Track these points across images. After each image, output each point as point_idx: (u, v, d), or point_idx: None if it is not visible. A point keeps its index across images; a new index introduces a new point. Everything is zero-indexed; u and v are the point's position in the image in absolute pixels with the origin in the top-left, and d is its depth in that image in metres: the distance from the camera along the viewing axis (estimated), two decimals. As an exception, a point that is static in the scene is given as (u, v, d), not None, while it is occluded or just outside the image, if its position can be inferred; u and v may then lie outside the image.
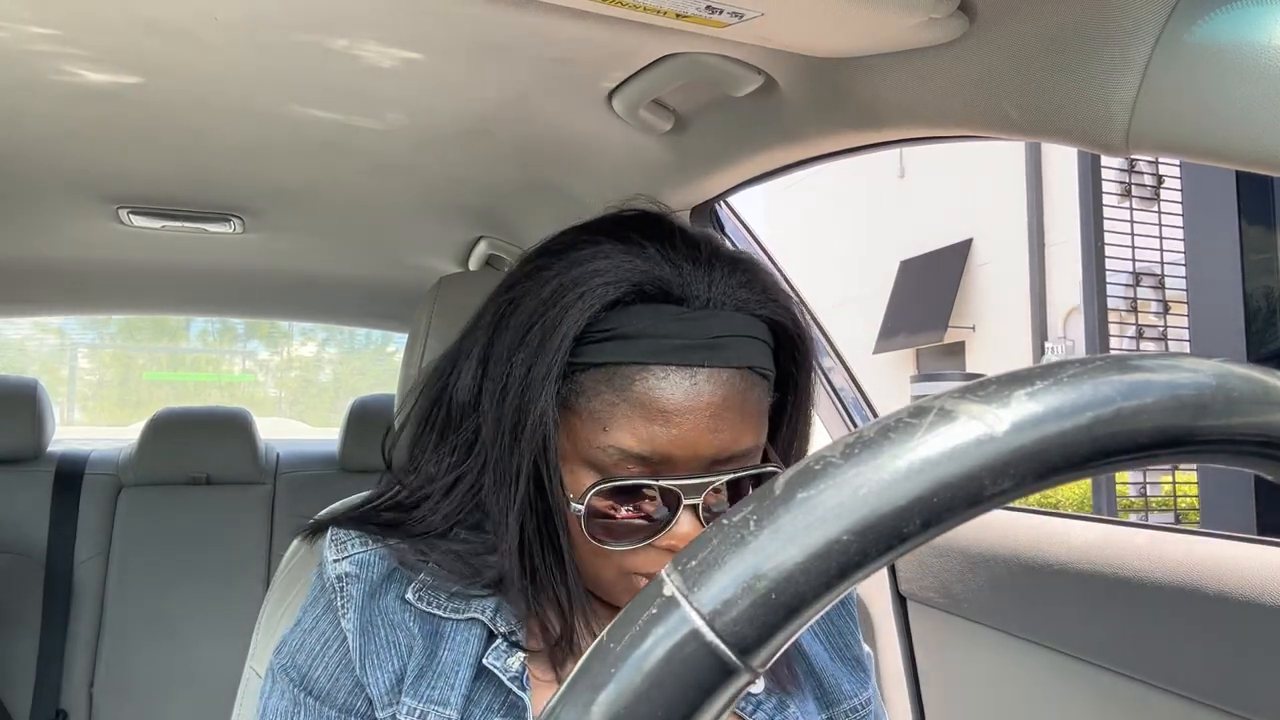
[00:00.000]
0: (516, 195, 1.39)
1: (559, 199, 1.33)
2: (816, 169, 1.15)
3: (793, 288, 1.45)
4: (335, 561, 0.72)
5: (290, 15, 0.82)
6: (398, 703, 0.68)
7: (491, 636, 0.70)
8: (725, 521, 0.27)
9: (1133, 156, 0.66)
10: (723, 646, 0.25)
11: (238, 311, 2.74)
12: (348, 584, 0.71)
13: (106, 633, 2.14)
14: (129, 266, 2.00)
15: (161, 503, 2.25)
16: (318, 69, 0.94)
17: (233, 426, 2.35)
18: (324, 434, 3.30)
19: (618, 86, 0.98)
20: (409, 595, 0.71)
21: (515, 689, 0.68)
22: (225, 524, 2.26)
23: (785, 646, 0.27)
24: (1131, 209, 5.61)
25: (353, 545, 0.73)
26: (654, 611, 0.26)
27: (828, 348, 1.45)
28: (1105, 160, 5.41)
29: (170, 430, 2.30)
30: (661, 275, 0.68)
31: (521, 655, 0.70)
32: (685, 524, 0.66)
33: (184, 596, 2.18)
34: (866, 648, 0.85)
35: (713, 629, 0.25)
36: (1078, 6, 0.64)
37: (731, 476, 0.67)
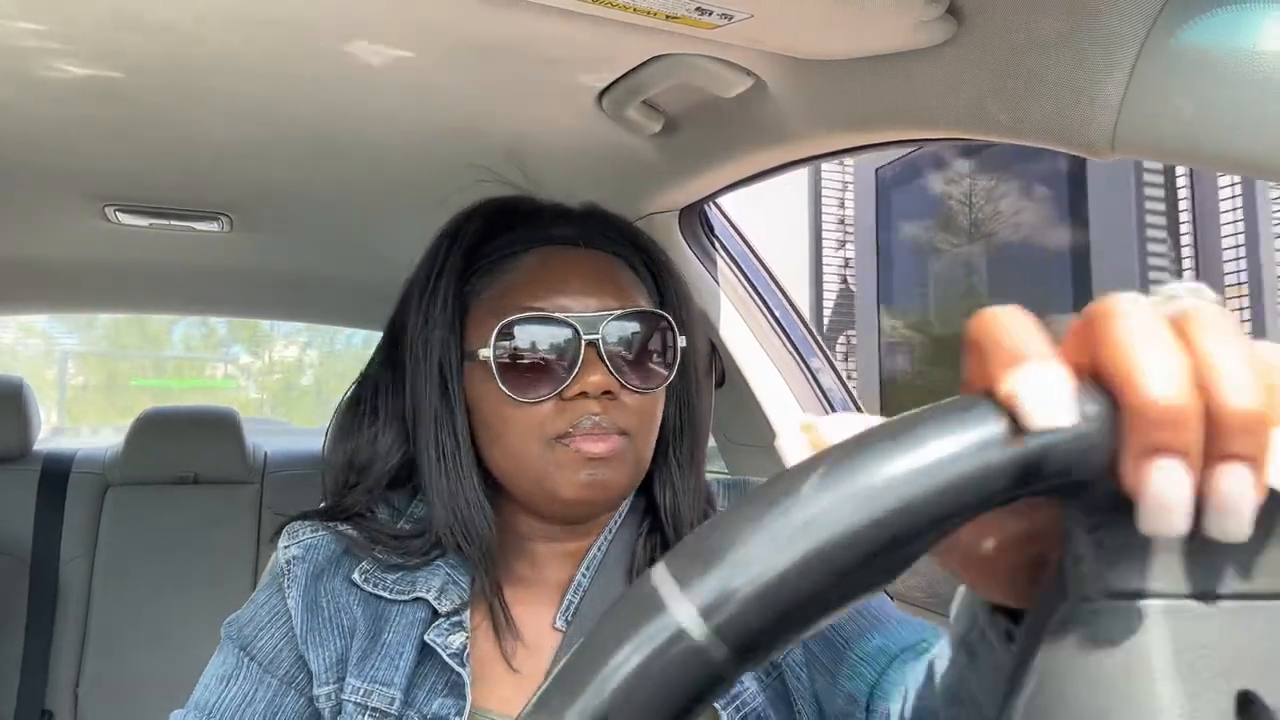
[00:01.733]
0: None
1: (548, 199, 1.33)
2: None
3: (781, 288, 1.45)
4: (285, 548, 0.76)
5: (278, 14, 0.82)
6: (339, 681, 0.70)
7: (434, 616, 0.73)
8: (719, 521, 0.27)
9: (1117, 159, 0.66)
10: (710, 646, 0.25)
11: (227, 311, 2.73)
12: (293, 566, 0.75)
13: (92, 632, 2.12)
14: (117, 265, 1.99)
15: (148, 502, 2.24)
16: (306, 67, 0.94)
17: (220, 426, 2.34)
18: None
19: (607, 87, 0.99)
20: (355, 577, 0.74)
21: (455, 665, 0.70)
22: (213, 523, 2.25)
23: (774, 654, 0.26)
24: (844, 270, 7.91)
25: (302, 532, 0.77)
26: (641, 607, 0.26)
27: (814, 349, 1.46)
28: (826, 235, 7.75)
29: (157, 429, 2.29)
30: (510, 197, 0.83)
31: (464, 635, 0.71)
32: (589, 367, 0.70)
33: (171, 596, 2.16)
34: None
35: (702, 627, 0.25)
36: (1065, 10, 0.64)
37: (621, 311, 0.73)
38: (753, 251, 1.44)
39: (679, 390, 0.80)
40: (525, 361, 0.71)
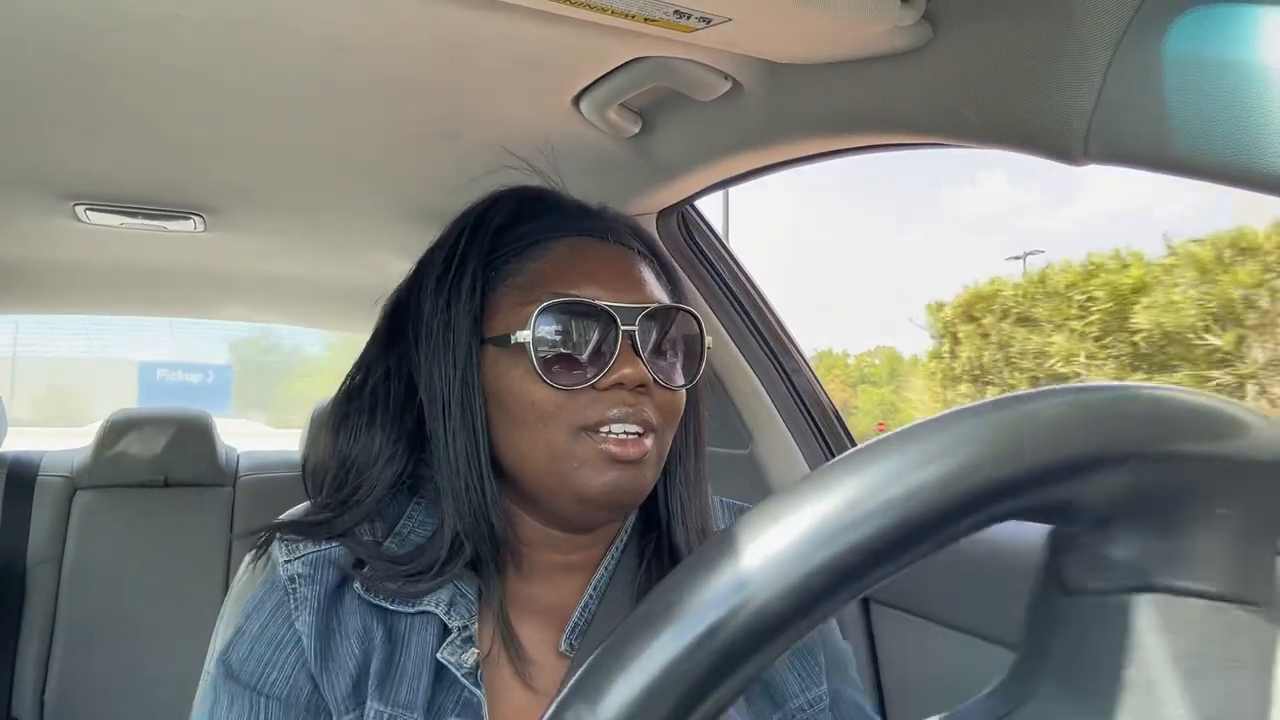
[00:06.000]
0: (483, 196, 1.38)
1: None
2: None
3: (758, 291, 1.45)
4: (286, 562, 0.70)
5: (255, 12, 0.81)
6: (359, 707, 0.66)
7: (445, 631, 0.69)
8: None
9: (1091, 165, 0.67)
10: None
11: (200, 312, 2.70)
12: (300, 585, 0.69)
13: (59, 638, 2.09)
14: (87, 265, 1.96)
15: (118, 505, 2.21)
16: (281, 66, 0.93)
17: (191, 428, 2.31)
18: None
19: (585, 89, 0.99)
20: (358, 587, 0.69)
21: (469, 685, 0.67)
22: (183, 527, 2.22)
23: None
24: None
25: (304, 545, 0.71)
26: None
27: (790, 350, 1.46)
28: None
29: (127, 431, 2.26)
30: (537, 187, 0.81)
31: (476, 652, 0.68)
32: (625, 359, 0.69)
33: (140, 600, 2.14)
34: (845, 644, 0.83)
35: None
36: (1039, 16, 0.65)
37: (658, 305, 0.72)
38: (729, 254, 1.45)
39: (691, 395, 0.77)
40: (563, 347, 0.69)
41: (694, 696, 0.25)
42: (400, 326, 0.77)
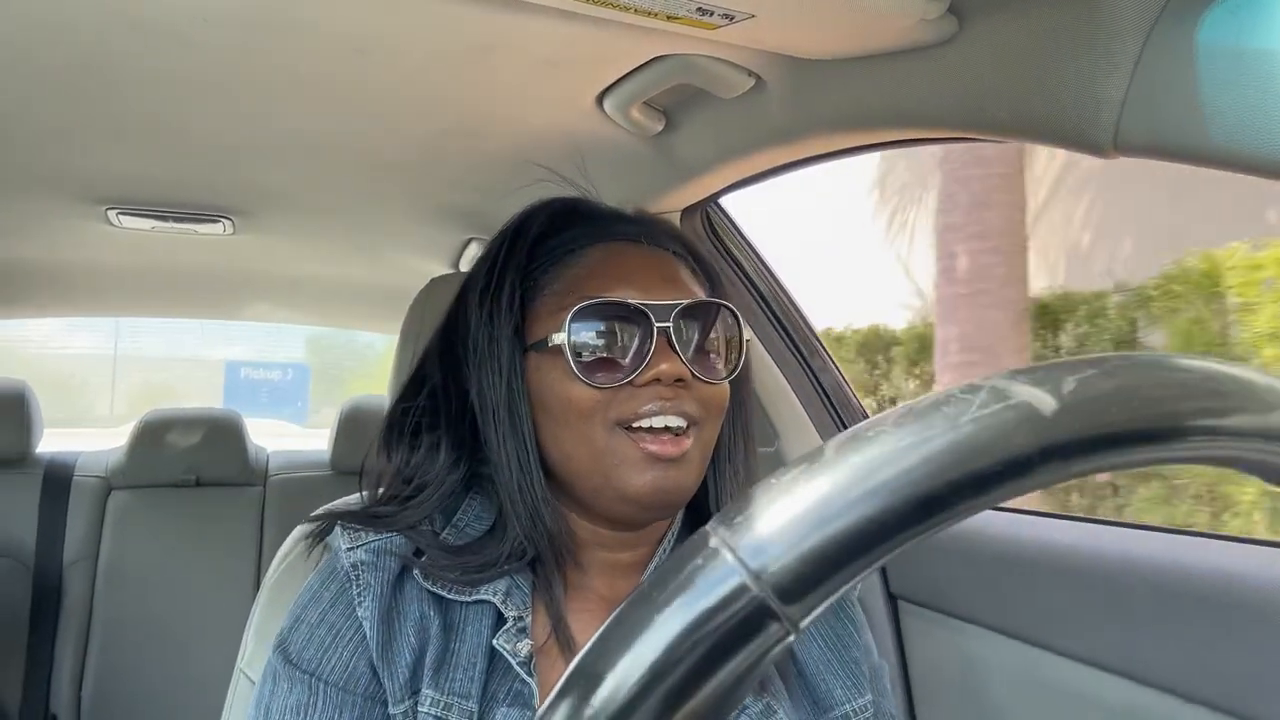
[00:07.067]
0: (507, 197, 1.38)
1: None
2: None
3: (784, 288, 1.45)
4: (350, 550, 0.71)
5: (279, 15, 0.82)
6: (415, 694, 0.67)
7: (501, 620, 0.71)
8: (773, 480, 0.27)
9: (1119, 157, 0.66)
10: (766, 595, 0.25)
11: (229, 313, 2.73)
12: (363, 572, 0.70)
13: (95, 636, 2.13)
14: (118, 268, 1.99)
15: (151, 504, 2.24)
16: (307, 69, 0.94)
17: (222, 428, 2.34)
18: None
19: (608, 88, 0.99)
20: (417, 574, 0.71)
21: (524, 674, 0.68)
22: (215, 526, 2.25)
23: (826, 604, 0.26)
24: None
25: (367, 534, 0.72)
26: (699, 561, 0.26)
27: (817, 348, 1.46)
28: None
29: (160, 432, 2.29)
30: (571, 198, 0.82)
31: (529, 642, 0.70)
32: (661, 355, 0.70)
33: (173, 598, 2.17)
34: (879, 659, 0.83)
35: (757, 578, 0.25)
36: (1067, 6, 0.64)
37: (691, 301, 0.73)
38: (755, 251, 1.44)
39: (737, 391, 0.78)
40: (599, 347, 0.71)
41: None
42: (451, 340, 0.79)
